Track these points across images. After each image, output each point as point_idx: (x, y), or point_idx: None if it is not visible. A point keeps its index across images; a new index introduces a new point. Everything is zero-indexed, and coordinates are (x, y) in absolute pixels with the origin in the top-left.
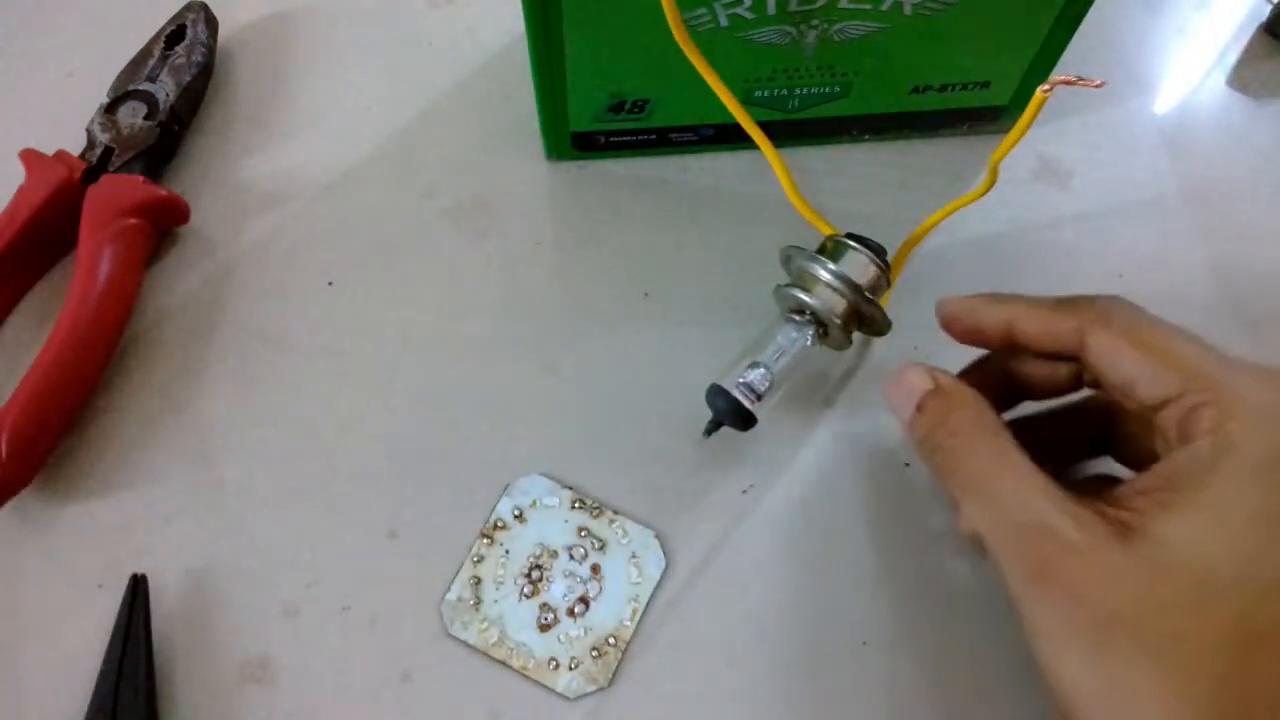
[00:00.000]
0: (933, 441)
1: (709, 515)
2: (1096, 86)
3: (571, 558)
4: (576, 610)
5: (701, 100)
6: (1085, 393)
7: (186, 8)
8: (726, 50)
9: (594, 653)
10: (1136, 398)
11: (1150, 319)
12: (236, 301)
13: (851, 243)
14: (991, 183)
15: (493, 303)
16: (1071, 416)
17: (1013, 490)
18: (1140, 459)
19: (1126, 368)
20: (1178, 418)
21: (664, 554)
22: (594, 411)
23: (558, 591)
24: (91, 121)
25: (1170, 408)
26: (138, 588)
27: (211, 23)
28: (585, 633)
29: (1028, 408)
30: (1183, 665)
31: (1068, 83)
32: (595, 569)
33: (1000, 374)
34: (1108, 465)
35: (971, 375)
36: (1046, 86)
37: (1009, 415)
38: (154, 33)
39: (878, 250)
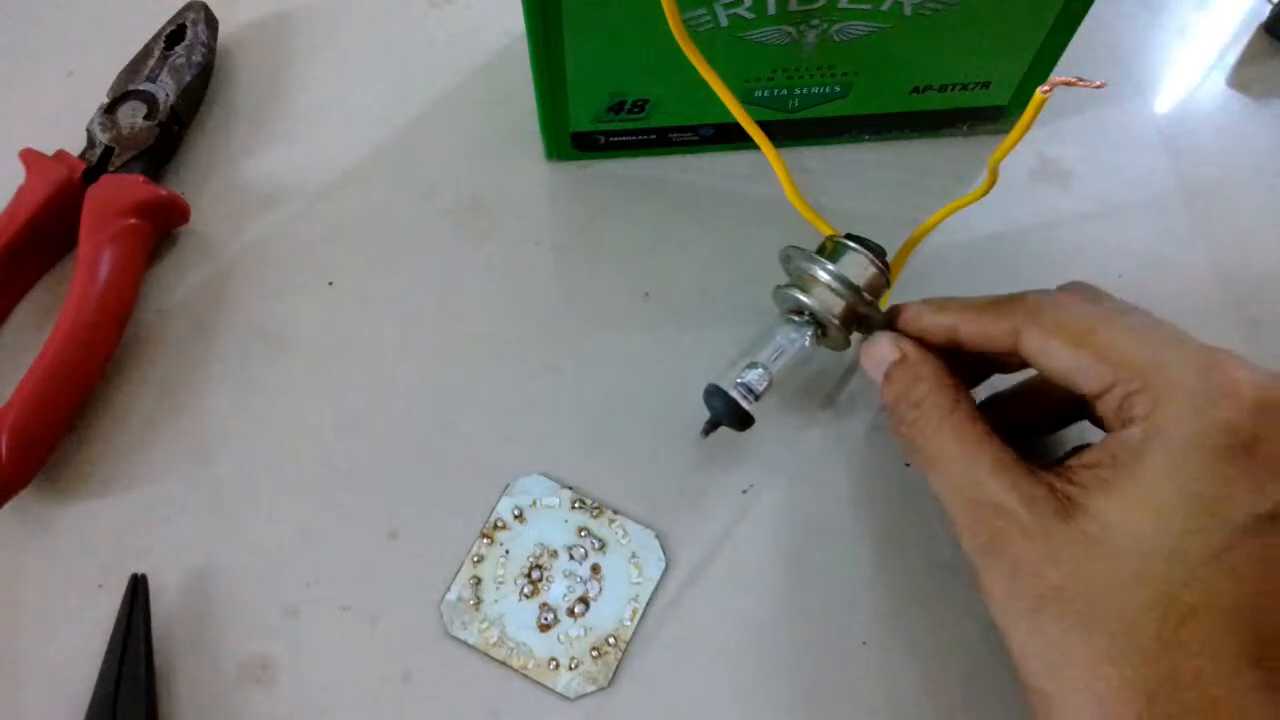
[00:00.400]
0: (897, 413)
1: (709, 515)
2: (1097, 88)
3: (571, 558)
4: (576, 610)
5: (701, 100)
6: None
7: (186, 8)
8: (726, 50)
9: (594, 653)
10: (1075, 389)
11: (1081, 310)
12: (236, 301)
13: (851, 243)
14: (991, 183)
15: (493, 303)
16: (1047, 385)
17: (967, 466)
18: (1107, 428)
19: (1059, 363)
20: (1114, 405)
21: (664, 554)
22: (594, 412)
23: (558, 591)
24: (91, 121)
25: (1107, 396)
26: (138, 588)
27: (211, 23)
28: (585, 633)
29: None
30: (1114, 636)
31: (1067, 84)
32: (595, 569)
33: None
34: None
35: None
36: (1046, 88)
37: (987, 385)
38: (154, 33)
39: (877, 251)
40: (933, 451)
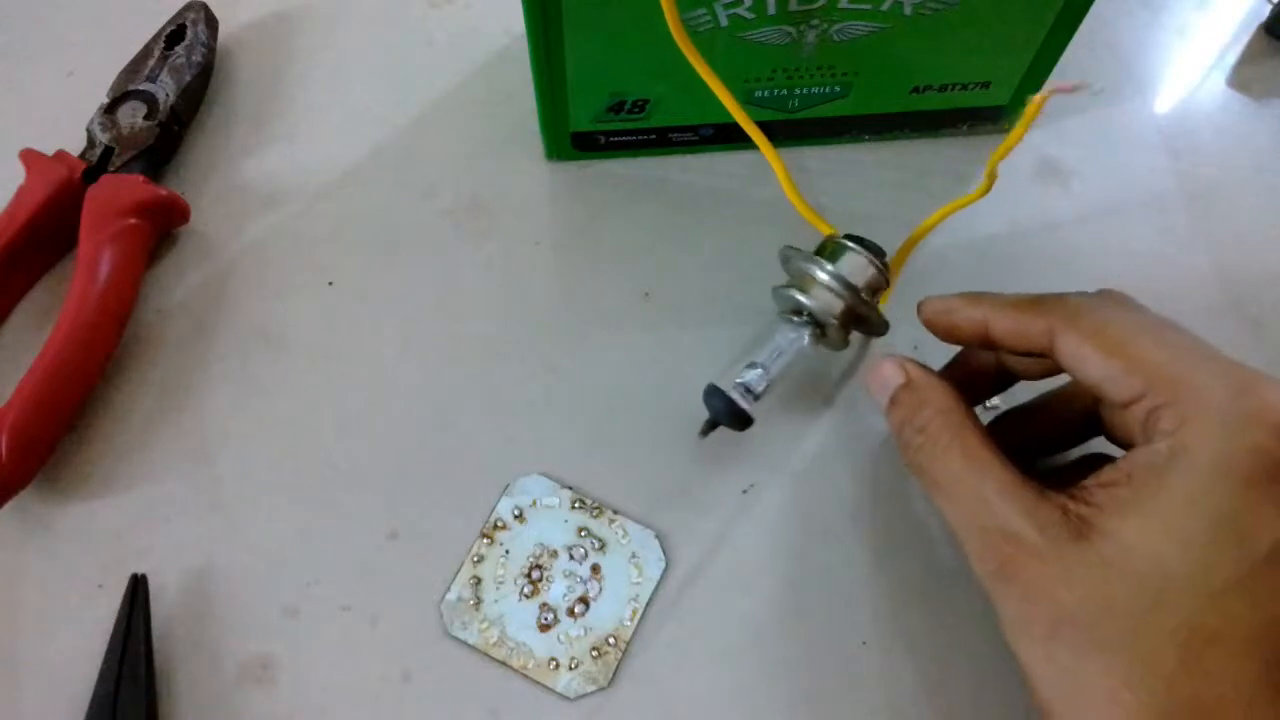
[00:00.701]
0: (903, 438)
1: (709, 515)
2: (1096, 93)
3: (571, 558)
4: (576, 610)
5: (701, 100)
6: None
7: (186, 8)
8: (726, 50)
9: (594, 653)
10: (1104, 396)
11: (1120, 318)
12: (236, 301)
13: (849, 244)
14: (989, 185)
15: (493, 303)
16: (1063, 401)
17: (975, 491)
18: (1126, 443)
19: (1092, 369)
20: (1142, 417)
21: (664, 554)
22: (594, 411)
23: (558, 591)
24: (91, 121)
25: (1135, 407)
26: (138, 588)
27: (211, 23)
28: (585, 633)
29: (1019, 396)
30: (1133, 663)
31: (1063, 90)
32: (595, 569)
33: (991, 358)
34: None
35: (959, 364)
36: (1043, 94)
37: (1002, 398)
38: (154, 33)
39: (876, 251)
40: (939, 477)
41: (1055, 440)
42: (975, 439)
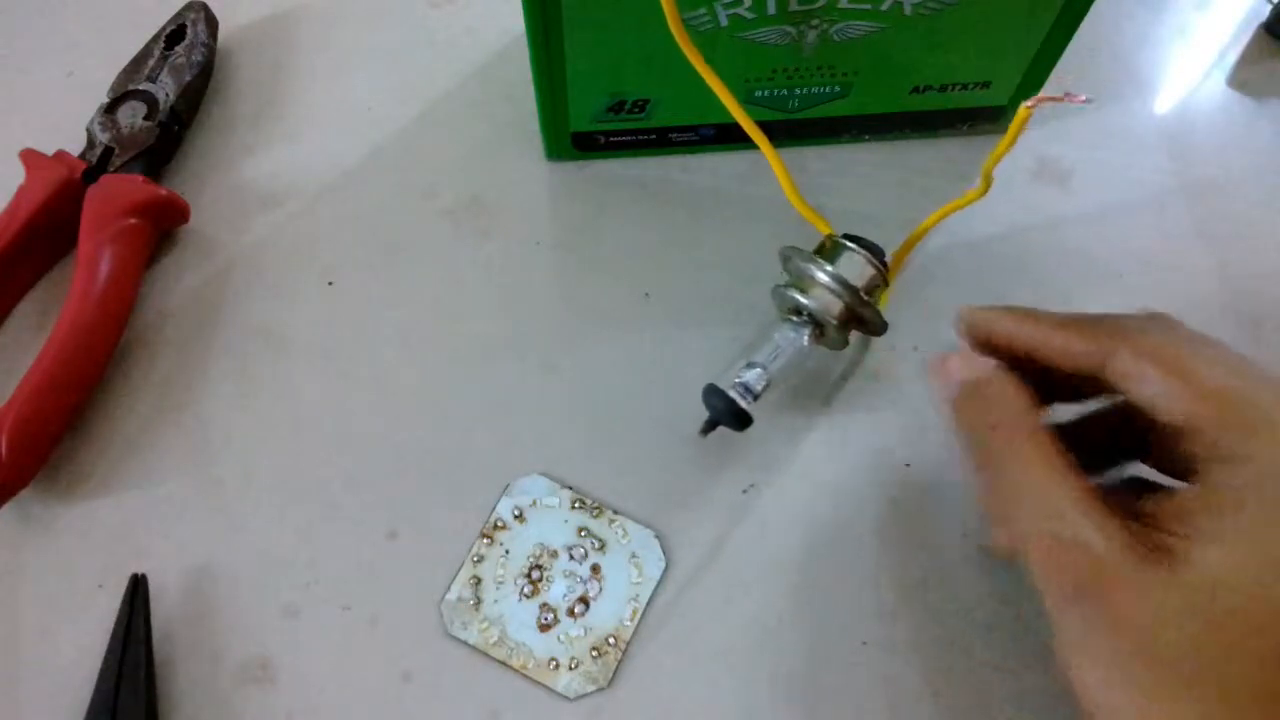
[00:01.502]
0: (974, 436)
1: (709, 515)
2: (1083, 103)
3: (571, 558)
4: (576, 610)
5: (701, 100)
6: (1115, 397)
7: (186, 8)
8: (727, 50)
9: (594, 653)
10: (1159, 414)
11: (1175, 339)
12: (236, 301)
13: (849, 244)
14: (985, 189)
15: (493, 303)
16: (1101, 422)
17: (1049, 499)
18: (1175, 467)
19: (1149, 386)
20: (1205, 439)
21: (664, 554)
22: (594, 411)
23: (558, 591)
24: (91, 121)
25: (1196, 432)
26: (138, 588)
27: (211, 23)
28: (585, 633)
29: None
30: (1227, 706)
31: (1053, 100)
32: (595, 569)
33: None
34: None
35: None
36: (1030, 104)
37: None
38: (154, 33)
39: (875, 251)
40: (1013, 479)
41: (1088, 464)
42: (1050, 443)
